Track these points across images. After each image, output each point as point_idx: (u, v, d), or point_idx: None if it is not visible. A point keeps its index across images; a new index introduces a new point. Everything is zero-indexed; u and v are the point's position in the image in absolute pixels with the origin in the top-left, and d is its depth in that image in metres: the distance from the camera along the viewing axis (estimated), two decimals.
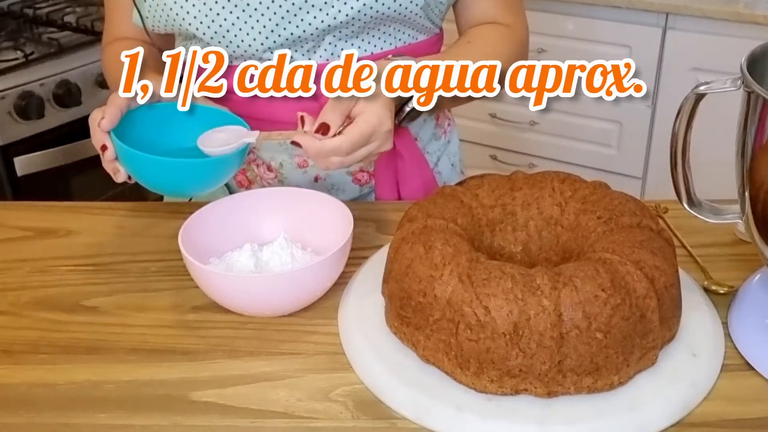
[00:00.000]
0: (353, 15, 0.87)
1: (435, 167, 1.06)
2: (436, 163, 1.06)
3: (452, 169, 1.10)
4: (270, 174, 0.99)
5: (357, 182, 1.00)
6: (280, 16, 0.87)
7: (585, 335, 0.60)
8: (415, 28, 0.94)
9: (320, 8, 0.87)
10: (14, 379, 0.69)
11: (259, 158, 0.99)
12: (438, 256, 0.65)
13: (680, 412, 0.62)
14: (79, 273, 0.83)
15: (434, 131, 1.05)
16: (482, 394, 0.63)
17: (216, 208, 0.81)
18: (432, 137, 1.05)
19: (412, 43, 0.95)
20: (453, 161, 1.10)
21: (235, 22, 0.88)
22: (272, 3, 0.86)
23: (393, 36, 0.93)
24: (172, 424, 0.64)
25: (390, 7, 0.88)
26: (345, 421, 0.64)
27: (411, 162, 0.98)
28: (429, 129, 1.04)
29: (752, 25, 1.86)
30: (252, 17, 0.87)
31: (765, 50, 0.66)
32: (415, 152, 0.99)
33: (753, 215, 0.66)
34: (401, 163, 0.98)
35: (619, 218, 0.69)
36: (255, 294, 0.72)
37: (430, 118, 1.04)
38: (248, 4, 0.87)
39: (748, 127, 0.63)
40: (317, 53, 0.91)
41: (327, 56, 0.91)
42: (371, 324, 0.71)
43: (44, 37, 1.87)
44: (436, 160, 1.06)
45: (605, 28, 2.07)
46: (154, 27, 0.93)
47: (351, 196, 1.01)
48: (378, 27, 0.91)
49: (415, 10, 0.90)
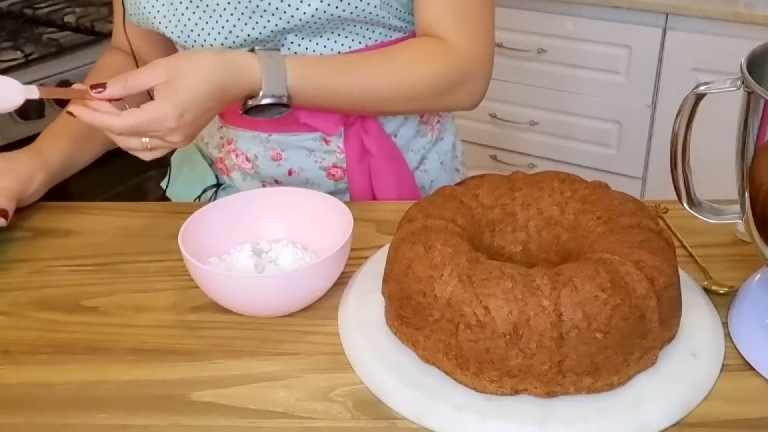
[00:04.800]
0: (307, 19, 0.87)
1: (420, 165, 1.05)
2: (420, 161, 1.05)
3: (441, 167, 1.08)
4: (248, 164, 1.00)
5: (331, 177, 1.00)
6: (237, 18, 0.88)
7: (585, 335, 0.60)
8: (386, 26, 0.93)
9: (273, 12, 0.87)
10: (13, 379, 0.69)
11: (238, 149, 1.00)
12: (438, 256, 0.65)
13: (680, 412, 0.62)
14: (79, 273, 0.83)
15: (418, 128, 1.04)
16: (482, 394, 0.63)
17: (216, 208, 0.81)
18: (416, 134, 1.04)
19: (384, 41, 0.94)
20: (443, 159, 1.08)
21: (197, 21, 0.90)
22: (228, 5, 0.88)
23: (361, 35, 0.92)
24: (172, 424, 0.64)
25: (345, 10, 0.87)
26: (345, 421, 0.64)
27: (383, 159, 0.98)
28: (411, 126, 1.03)
29: (752, 25, 1.86)
30: (212, 18, 0.89)
31: (765, 50, 0.66)
32: (387, 149, 0.99)
33: (753, 215, 0.66)
34: (372, 160, 0.98)
35: (618, 218, 0.69)
36: (255, 294, 0.72)
37: (413, 115, 1.02)
38: (207, 5, 0.89)
39: (748, 127, 0.63)
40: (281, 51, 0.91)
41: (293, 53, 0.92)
42: (371, 324, 0.71)
43: (44, 37, 1.86)
44: (420, 158, 1.05)
45: (605, 28, 2.07)
46: (139, 23, 0.95)
47: (326, 190, 0.99)
48: (342, 26, 0.90)
49: (374, 11, 0.89)
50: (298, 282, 0.72)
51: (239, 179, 1.03)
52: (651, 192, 2.19)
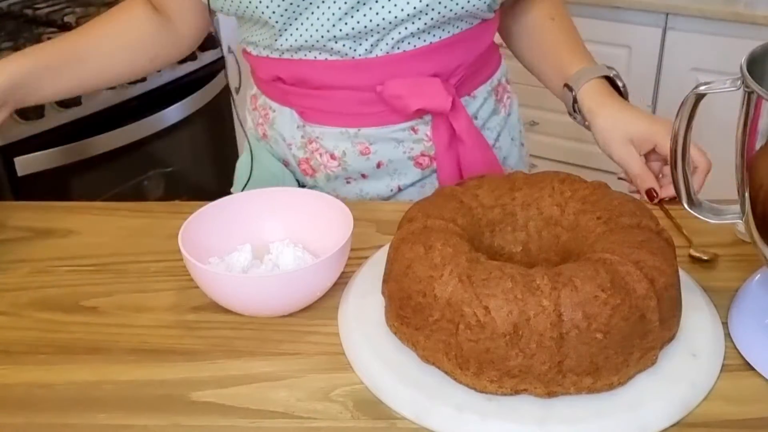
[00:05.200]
0: (421, 8, 0.87)
1: (495, 143, 1.05)
2: (496, 139, 1.06)
3: (512, 143, 1.09)
4: (333, 162, 0.98)
5: (418, 166, 0.99)
6: (350, 6, 0.87)
7: (585, 335, 0.60)
8: (474, 17, 0.94)
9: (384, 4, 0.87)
10: (13, 380, 0.69)
11: (322, 147, 0.98)
12: (438, 256, 0.65)
13: (680, 412, 0.62)
14: (79, 273, 0.83)
15: (495, 107, 1.05)
16: (482, 394, 0.63)
17: (216, 208, 0.81)
18: (492, 113, 1.04)
19: (467, 29, 0.94)
20: (513, 135, 1.09)
21: (308, 7, 0.88)
22: None
23: (453, 25, 0.93)
24: (172, 424, 0.64)
25: (458, 4, 0.88)
26: (345, 421, 0.64)
27: (471, 144, 0.98)
28: (490, 105, 1.03)
29: (752, 25, 1.86)
30: (324, 3, 0.87)
31: (765, 50, 0.66)
32: (474, 134, 0.99)
33: (753, 215, 0.66)
34: (461, 146, 0.98)
35: (618, 218, 0.69)
36: (255, 294, 0.72)
37: (490, 93, 1.03)
38: None
39: (748, 127, 0.63)
40: (379, 46, 0.91)
41: (388, 50, 0.91)
42: (371, 324, 0.71)
43: (44, 38, 1.86)
44: (496, 135, 1.06)
45: (605, 28, 2.07)
46: (224, 9, 0.93)
47: (413, 179, 1.00)
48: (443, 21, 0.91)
49: (483, 7, 0.91)
50: (298, 282, 0.72)
51: (323, 180, 1.01)
52: None
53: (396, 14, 0.87)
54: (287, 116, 0.99)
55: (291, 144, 1.01)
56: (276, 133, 1.02)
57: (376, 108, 0.94)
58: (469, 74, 0.98)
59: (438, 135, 0.97)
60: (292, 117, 0.99)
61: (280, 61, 0.95)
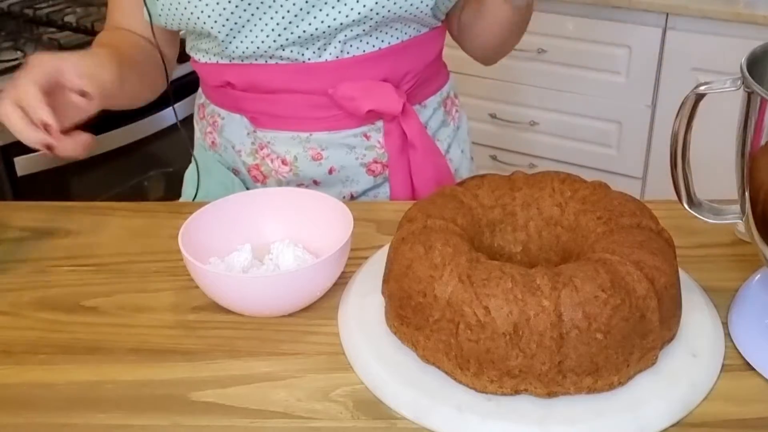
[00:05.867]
0: (365, 13, 0.88)
1: (446, 154, 1.06)
2: (447, 150, 1.06)
3: (462, 156, 1.10)
4: (284, 168, 0.99)
5: (371, 173, 1.00)
6: (294, 14, 0.88)
7: (585, 335, 0.60)
8: (420, 23, 0.95)
9: (333, 6, 0.87)
10: (14, 380, 0.69)
11: (273, 152, 0.98)
12: (438, 256, 0.65)
13: (680, 412, 0.62)
14: (79, 273, 0.83)
15: (443, 118, 1.06)
16: (482, 394, 0.63)
17: (216, 208, 0.81)
18: (441, 124, 1.05)
19: (415, 36, 0.96)
20: (463, 147, 1.10)
21: (249, 18, 0.88)
22: (286, 1, 0.87)
23: (399, 30, 0.94)
24: (172, 424, 0.64)
25: (402, 7, 0.89)
26: (345, 421, 0.64)
27: (423, 150, 0.99)
28: (439, 116, 1.05)
29: (752, 25, 1.86)
30: (266, 14, 0.88)
31: (765, 50, 0.66)
32: (425, 140, 1.00)
33: (753, 215, 0.66)
34: (413, 152, 0.99)
35: (619, 219, 0.69)
36: (255, 294, 0.72)
37: (439, 105, 1.04)
38: (262, 2, 0.87)
39: (748, 127, 0.63)
40: (327, 50, 0.92)
41: (337, 54, 0.92)
42: (371, 324, 0.71)
43: (44, 38, 1.86)
44: (447, 147, 1.06)
45: (605, 28, 2.07)
46: (167, 24, 0.93)
47: (365, 187, 1.01)
48: (388, 24, 0.92)
49: (426, 10, 0.91)
50: (298, 282, 0.72)
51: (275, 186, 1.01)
52: (651, 192, 2.19)
53: (341, 21, 0.88)
54: (237, 123, 0.99)
55: (240, 151, 1.01)
56: (225, 140, 1.01)
57: (328, 112, 0.95)
58: (419, 82, 0.99)
59: (390, 140, 0.98)
60: (241, 123, 0.99)
61: (230, 67, 0.95)
